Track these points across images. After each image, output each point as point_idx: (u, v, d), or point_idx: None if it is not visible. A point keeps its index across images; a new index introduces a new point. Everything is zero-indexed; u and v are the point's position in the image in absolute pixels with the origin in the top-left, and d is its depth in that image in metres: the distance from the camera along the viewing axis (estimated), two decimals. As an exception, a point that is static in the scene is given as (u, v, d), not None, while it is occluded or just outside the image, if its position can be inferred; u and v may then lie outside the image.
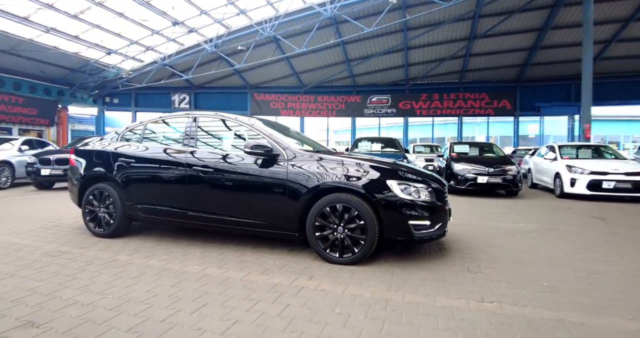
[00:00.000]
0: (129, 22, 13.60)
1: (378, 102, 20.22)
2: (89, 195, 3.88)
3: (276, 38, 15.15)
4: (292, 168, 3.13)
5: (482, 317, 2.10)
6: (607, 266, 3.11)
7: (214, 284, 2.54)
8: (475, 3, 13.85)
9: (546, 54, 16.99)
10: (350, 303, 2.24)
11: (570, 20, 14.66)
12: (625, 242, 3.95)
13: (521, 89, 19.42)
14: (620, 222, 5.17)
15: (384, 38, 16.18)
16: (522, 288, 2.56)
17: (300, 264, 3.01)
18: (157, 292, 2.37)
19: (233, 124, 3.68)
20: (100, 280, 2.59)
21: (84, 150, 4.11)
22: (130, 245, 3.56)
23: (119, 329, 1.88)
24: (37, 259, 3.07)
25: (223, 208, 3.34)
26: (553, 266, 3.08)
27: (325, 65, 18.58)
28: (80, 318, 1.99)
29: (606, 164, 7.95)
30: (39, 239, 3.78)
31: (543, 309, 2.22)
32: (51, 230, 4.19)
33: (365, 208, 2.90)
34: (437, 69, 18.62)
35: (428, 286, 2.56)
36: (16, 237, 3.87)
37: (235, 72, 18.33)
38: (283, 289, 2.45)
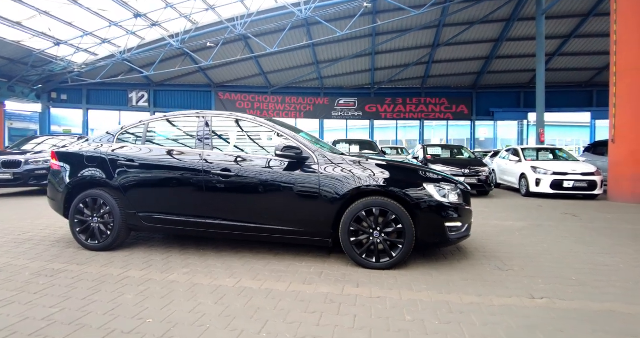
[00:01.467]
0: (83, 11, 12.41)
1: (345, 105, 20.51)
2: (79, 204, 3.42)
3: (246, 36, 14.72)
4: (324, 171, 3.01)
5: (543, 313, 2.16)
6: (608, 258, 3.38)
7: (260, 298, 2.34)
8: (440, 13, 14.58)
9: (500, 63, 18.37)
10: (414, 309, 2.19)
11: (522, 33, 15.99)
12: (606, 236, 4.32)
13: (477, 95, 20.80)
14: (589, 218, 5.68)
15: (353, 42, 16.44)
16: (556, 283, 2.68)
17: (337, 271, 2.90)
18: (202, 311, 2.14)
19: (250, 124, 3.46)
20: (126, 301, 2.27)
21: (71, 152, 3.62)
22: (136, 258, 3.20)
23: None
24: (30, 281, 2.64)
25: (250, 216, 3.11)
26: (565, 260, 3.28)
27: (294, 66, 18.44)
28: (131, 346, 1.73)
29: (565, 165, 8.73)
30: (16, 256, 3.25)
31: (588, 302, 2.34)
32: (26, 245, 3.64)
33: (402, 212, 2.87)
34: (401, 74, 19.32)
35: (473, 286, 2.60)
36: (-16, 254, 3.30)
37: (200, 70, 17.53)
38: (338, 299, 2.33)
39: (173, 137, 3.60)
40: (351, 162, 3.06)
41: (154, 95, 18.85)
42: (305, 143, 3.16)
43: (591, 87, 19.71)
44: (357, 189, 2.94)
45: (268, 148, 3.29)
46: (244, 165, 3.14)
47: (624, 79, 7.62)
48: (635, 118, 7.43)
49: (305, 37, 15.42)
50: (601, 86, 19.19)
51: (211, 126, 3.39)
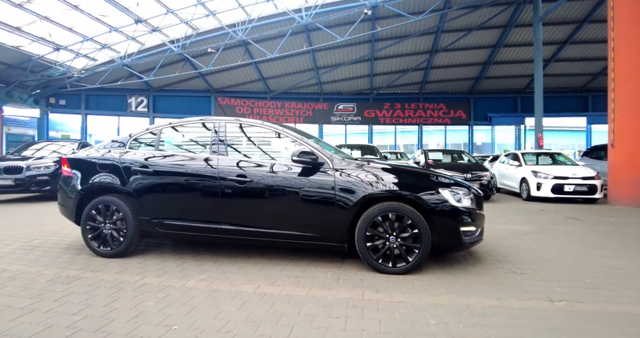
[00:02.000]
0: (84, 16, 12.43)
1: (344, 110, 20.60)
2: (91, 210, 3.40)
3: (246, 42, 14.81)
4: (340, 176, 3.03)
5: (563, 316, 2.18)
6: (618, 261, 3.42)
7: (282, 304, 2.34)
8: (439, 19, 14.77)
9: (497, 68, 18.59)
10: (437, 313, 2.20)
11: (519, 39, 16.22)
12: (613, 239, 4.37)
13: (474, 100, 20.99)
14: (593, 221, 5.74)
15: (352, 48, 16.57)
16: (571, 286, 2.71)
17: (354, 276, 2.91)
18: (226, 317, 2.13)
19: (264, 130, 3.48)
20: (147, 308, 2.26)
21: (83, 159, 3.60)
22: (150, 265, 3.18)
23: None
24: (47, 288, 2.61)
25: (266, 222, 3.12)
26: (576, 264, 3.31)
27: (293, 72, 18.53)
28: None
29: (565, 169, 8.83)
30: (28, 263, 3.22)
31: (605, 304, 2.37)
32: (36, 252, 3.61)
33: (419, 216, 2.89)
34: (400, 79, 19.48)
35: (491, 290, 2.62)
36: (-4, 261, 3.27)
37: (200, 75, 17.57)
38: (361, 304, 2.34)
39: (186, 143, 3.61)
40: (366, 168, 3.08)
41: (153, 101, 18.83)
42: (319, 149, 3.19)
43: (586, 92, 19.97)
44: (372, 194, 2.96)
45: (283, 154, 3.31)
46: (260, 170, 3.15)
47: (622, 85, 7.75)
48: (634, 123, 7.55)
49: (305, 43, 15.53)
50: (596, 91, 19.48)
51: (225, 132, 3.40)
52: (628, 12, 7.63)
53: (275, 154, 3.40)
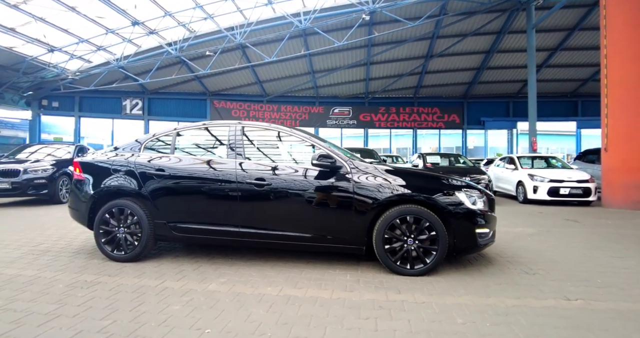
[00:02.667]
0: (81, 18, 12.32)
1: (340, 114, 20.73)
2: (105, 214, 3.38)
3: (243, 45, 14.84)
4: (358, 180, 3.08)
5: (583, 314, 2.26)
6: (623, 261, 3.53)
7: (309, 306, 2.37)
8: (434, 25, 15.02)
9: (490, 73, 18.95)
10: (462, 313, 2.26)
11: (512, 45, 16.58)
12: (614, 241, 4.50)
13: (468, 104, 21.33)
14: (591, 224, 5.89)
15: (349, 52, 16.73)
16: (584, 285, 2.79)
17: (373, 278, 2.95)
18: (257, 320, 2.15)
19: (282, 134, 3.52)
20: (175, 312, 2.26)
21: (96, 161, 3.59)
22: (167, 269, 3.17)
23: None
24: (68, 293, 2.59)
25: (285, 225, 3.14)
26: (584, 264, 3.41)
27: (290, 75, 18.61)
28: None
29: (560, 172, 9.03)
30: (41, 268, 3.18)
31: (620, 302, 2.46)
32: (46, 257, 3.56)
33: (436, 219, 2.96)
34: (395, 84, 19.70)
35: (509, 290, 2.68)
36: (8, 267, 3.21)
37: (196, 78, 17.50)
38: (386, 305, 2.38)
39: (202, 146, 3.62)
40: (382, 171, 3.14)
41: (149, 103, 18.68)
42: (337, 152, 3.24)
43: (576, 98, 20.48)
44: (391, 198, 3.01)
45: (300, 158, 3.35)
46: (278, 174, 3.18)
47: (615, 92, 7.99)
48: (627, 128, 7.78)
49: (303, 47, 15.63)
50: (585, 96, 19.99)
51: (242, 136, 3.42)
52: (621, 21, 7.90)
53: (293, 158, 3.43)
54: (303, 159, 3.38)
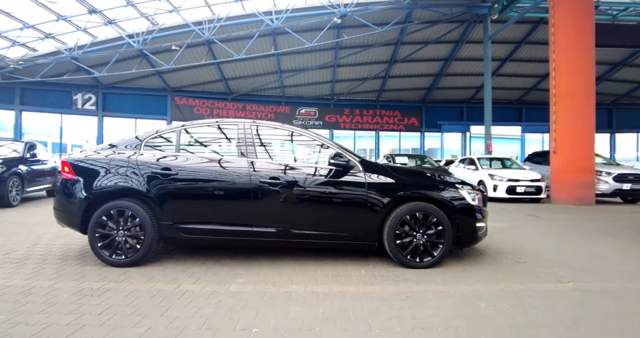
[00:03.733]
0: (27, 1, 11.16)
1: (306, 114, 20.83)
2: (102, 216, 3.16)
3: (210, 41, 14.38)
4: (370, 179, 3.21)
5: (580, 294, 2.60)
6: (589, 249, 4.04)
7: (341, 300, 2.45)
8: (399, 32, 15.70)
9: (447, 80, 20.16)
10: (481, 298, 2.48)
11: (468, 54, 17.81)
12: (575, 232, 5.09)
13: (426, 108, 22.48)
14: (549, 218, 6.59)
15: (317, 53, 16.90)
16: (569, 270, 3.17)
17: (386, 272, 3.09)
18: (299, 317, 2.18)
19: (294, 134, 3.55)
20: (210, 314, 2.20)
21: (91, 160, 3.35)
22: (174, 272, 3.05)
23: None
24: (79, 302, 2.39)
25: (302, 223, 3.18)
26: (562, 253, 3.84)
27: (256, 74, 18.35)
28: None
29: (516, 172, 9.92)
30: (30, 277, 2.89)
31: (603, 282, 2.87)
32: (29, 265, 3.24)
33: (443, 215, 3.18)
34: (359, 86, 20.23)
35: (510, 276, 2.98)
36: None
37: (157, 73, 16.61)
38: (412, 295, 2.53)
39: (211, 144, 3.53)
40: (392, 170, 3.30)
41: (103, 98, 17.32)
42: (350, 152, 3.34)
43: (521, 105, 22.45)
44: (403, 195, 3.18)
45: (313, 157, 3.41)
46: (293, 173, 3.21)
47: (562, 102, 8.97)
48: (573, 134, 8.78)
49: (271, 46, 15.51)
50: (529, 104, 22.03)
51: (252, 134, 3.40)
52: (566, 42, 8.90)
53: (306, 157, 3.48)
54: (315, 158, 3.44)
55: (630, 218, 6.62)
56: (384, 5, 12.96)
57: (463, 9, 14.01)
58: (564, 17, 8.97)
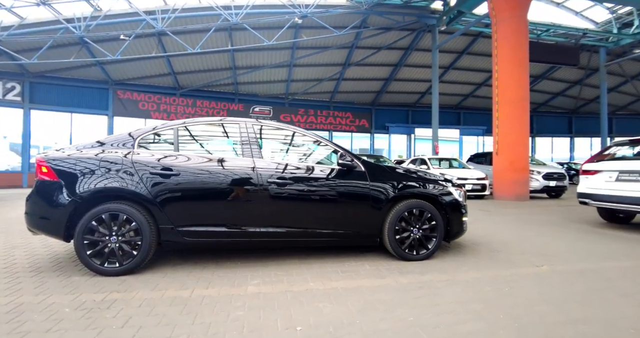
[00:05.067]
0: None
1: (260, 113, 20.52)
2: (91, 221, 2.91)
3: (161, 33, 13.51)
4: (372, 179, 3.38)
5: (554, 275, 3.03)
6: (544, 238, 4.65)
7: (362, 294, 2.58)
8: (354, 36, 16.23)
9: (396, 85, 21.30)
10: (482, 283, 2.79)
11: (415, 61, 19.00)
12: (526, 224, 5.81)
13: (375, 111, 23.49)
14: (498, 212, 7.39)
15: (274, 52, 16.77)
16: (537, 256, 3.66)
17: (388, 265, 3.29)
18: (332, 313, 2.27)
19: (292, 134, 3.58)
20: (243, 317, 2.19)
21: (77, 159, 3.04)
22: (178, 277, 2.92)
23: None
24: (90, 316, 2.19)
25: (308, 223, 3.23)
26: (524, 242, 4.38)
27: (208, 69, 17.62)
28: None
29: (463, 171, 10.89)
30: (11, 293, 2.59)
31: (569, 264, 3.37)
32: (3, 279, 2.90)
33: (436, 211, 3.48)
34: (315, 87, 20.48)
35: (495, 263, 3.37)
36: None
37: (97, 63, 15.12)
38: (425, 285, 2.76)
39: (213, 143, 3.42)
40: (391, 170, 3.52)
41: (30, 89, 15.22)
42: (350, 152, 3.48)
43: (459, 109, 24.52)
44: (402, 194, 3.41)
45: (316, 157, 3.48)
46: (297, 173, 3.26)
47: (504, 109, 10.08)
48: (513, 137, 9.91)
49: (227, 41, 15.04)
50: (466, 109, 24.16)
51: (255, 134, 3.37)
52: (506, 57, 10.02)
53: (309, 157, 3.53)
54: (318, 158, 3.52)
55: (561, 211, 7.70)
56: (344, 9, 13.32)
57: (414, 19, 14.95)
58: (505, 34, 10.08)
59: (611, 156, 5.69)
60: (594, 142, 25.67)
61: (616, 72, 20.37)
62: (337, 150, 3.44)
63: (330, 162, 3.52)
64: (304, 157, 3.58)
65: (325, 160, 3.57)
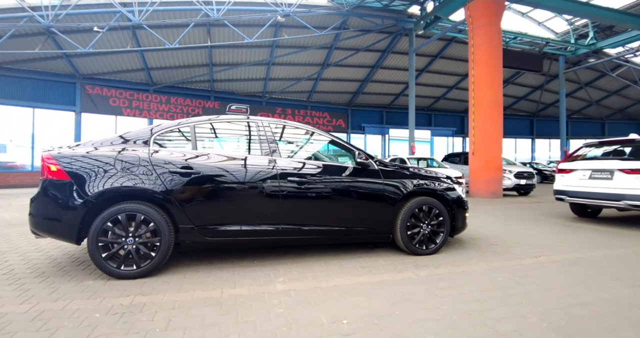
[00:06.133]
0: None
1: (237, 111, 20.18)
2: (106, 222, 2.81)
3: (137, 26, 12.94)
4: (386, 177, 3.51)
5: (553, 264, 3.31)
6: (528, 231, 5.00)
7: (389, 287, 2.70)
8: (334, 37, 16.41)
9: (372, 86, 21.74)
10: (494, 274, 3.00)
11: (391, 64, 19.50)
12: (510, 219, 6.21)
13: (352, 111, 23.85)
14: (479, 209, 7.80)
15: (253, 50, 16.58)
16: (531, 248, 3.96)
17: (401, 260, 3.43)
18: (369, 306, 2.37)
19: (308, 132, 3.63)
20: (287, 314, 2.24)
21: (90, 156, 2.92)
22: (200, 278, 2.90)
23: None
24: (124, 320, 2.14)
25: (328, 220, 3.30)
26: (514, 236, 4.69)
27: (184, 65, 17.10)
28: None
29: (441, 171, 11.38)
30: (24, 301, 2.50)
31: (561, 254, 3.67)
32: (9, 286, 2.74)
33: (443, 207, 3.67)
34: (293, 87, 20.45)
35: (498, 255, 3.61)
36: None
37: (64, 55, 14.21)
38: (444, 277, 2.93)
39: (229, 141, 3.39)
40: (401, 169, 3.67)
41: (-14, 80, 14.03)
42: (364, 152, 3.59)
43: (430, 111, 25.45)
44: (413, 191, 3.57)
45: (332, 157, 3.55)
46: (316, 171, 3.32)
47: (479, 112, 10.64)
48: (488, 138, 10.48)
49: (205, 38, 14.67)
50: (437, 111, 25.11)
51: (275, 133, 3.40)
52: (482, 62, 10.58)
53: (326, 156, 3.60)
54: (334, 157, 3.60)
55: (534, 207, 8.26)
56: (327, 10, 13.43)
57: (393, 22, 15.35)
58: (481, 40, 10.65)
59: (583, 156, 6.22)
60: (552, 143, 27.60)
61: (572, 79, 22.06)
62: (352, 150, 3.54)
63: (347, 161, 3.60)
64: (320, 155, 3.65)
65: (340, 159, 3.66)
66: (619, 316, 2.20)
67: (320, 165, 3.39)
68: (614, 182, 5.27)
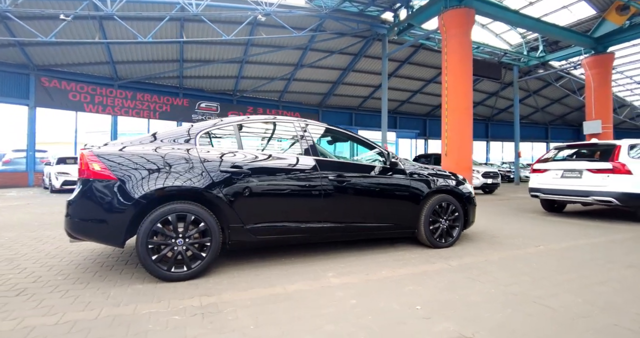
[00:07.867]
0: None
1: (207, 109, 19.65)
2: (156, 224, 2.76)
3: (104, 16, 12.17)
4: (412, 176, 3.80)
5: (554, 252, 3.79)
6: (515, 224, 5.57)
7: (430, 277, 2.97)
8: (310, 38, 16.59)
9: (343, 88, 22.23)
10: (512, 262, 3.39)
11: (363, 67, 20.10)
12: (492, 215, 6.82)
13: (322, 112, 24.17)
14: (457, 207, 8.45)
15: (227, 47, 16.28)
16: (528, 239, 4.45)
17: (424, 253, 3.72)
18: (426, 293, 2.61)
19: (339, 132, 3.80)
20: (358, 305, 2.43)
21: (136, 154, 2.85)
22: (248, 278, 2.95)
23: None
24: (211, 320, 2.15)
25: (364, 217, 3.50)
26: (508, 230, 5.19)
27: (152, 60, 16.34)
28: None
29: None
30: (84, 308, 2.41)
31: (556, 243, 4.18)
32: (44, 295, 2.57)
33: (458, 204, 4.03)
34: (265, 86, 20.32)
35: (505, 246, 4.03)
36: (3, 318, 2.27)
37: (17, 44, 12.95)
38: (473, 266, 3.26)
39: (271, 141, 3.47)
40: (422, 168, 3.97)
41: None
42: (393, 153, 3.85)
43: (395, 114, 26.51)
44: (436, 189, 3.89)
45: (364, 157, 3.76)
46: (352, 171, 3.51)
47: (452, 115, 11.40)
48: (459, 140, 11.27)
49: (177, 32, 14.16)
50: (401, 114, 26.25)
51: (312, 133, 3.54)
52: (455, 69, 11.36)
53: (359, 157, 3.79)
54: (366, 157, 3.81)
55: (505, 204, 9.08)
56: (306, 11, 13.57)
57: (367, 27, 15.87)
58: (454, 48, 11.41)
59: (552, 158, 7.00)
60: (505, 145, 29.99)
61: (523, 87, 24.17)
62: (381, 151, 3.77)
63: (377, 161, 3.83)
64: (354, 156, 3.83)
65: (371, 159, 3.88)
66: (632, 291, 2.65)
67: (355, 164, 3.58)
68: (583, 180, 6.02)
